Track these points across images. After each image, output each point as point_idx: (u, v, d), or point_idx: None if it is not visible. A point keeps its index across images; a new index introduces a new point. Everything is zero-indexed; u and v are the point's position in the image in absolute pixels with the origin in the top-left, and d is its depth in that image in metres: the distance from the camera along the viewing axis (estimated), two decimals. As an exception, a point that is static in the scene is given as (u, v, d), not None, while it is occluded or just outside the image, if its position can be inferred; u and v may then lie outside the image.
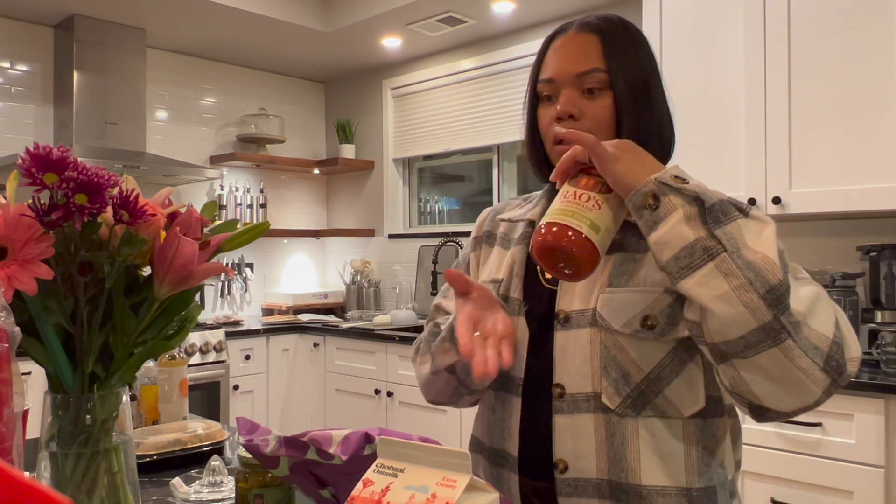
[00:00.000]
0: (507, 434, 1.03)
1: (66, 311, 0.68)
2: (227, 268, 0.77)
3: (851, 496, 2.01)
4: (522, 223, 1.12)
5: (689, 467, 0.93)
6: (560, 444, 0.96)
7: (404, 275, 4.21)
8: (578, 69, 0.98)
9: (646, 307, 0.93)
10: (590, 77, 0.98)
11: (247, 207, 4.17)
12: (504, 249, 1.13)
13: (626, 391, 0.93)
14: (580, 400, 0.95)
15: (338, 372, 3.69)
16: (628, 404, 0.93)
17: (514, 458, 1.01)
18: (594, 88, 0.98)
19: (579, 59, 0.99)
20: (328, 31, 3.71)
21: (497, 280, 1.09)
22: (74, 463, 0.70)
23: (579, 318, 0.97)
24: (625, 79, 0.98)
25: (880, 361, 2.16)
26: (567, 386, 0.96)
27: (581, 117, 0.99)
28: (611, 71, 0.98)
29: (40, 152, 0.65)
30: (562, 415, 0.96)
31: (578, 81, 0.99)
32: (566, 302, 0.99)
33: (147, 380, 1.51)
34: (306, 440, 0.76)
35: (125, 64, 3.59)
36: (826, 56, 2.29)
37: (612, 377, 0.94)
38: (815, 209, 2.32)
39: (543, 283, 1.05)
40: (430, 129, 4.11)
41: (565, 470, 0.95)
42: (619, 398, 0.93)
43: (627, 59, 0.99)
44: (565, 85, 1.00)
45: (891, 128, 2.17)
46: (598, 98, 0.99)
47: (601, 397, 0.94)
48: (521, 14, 3.44)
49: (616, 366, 0.94)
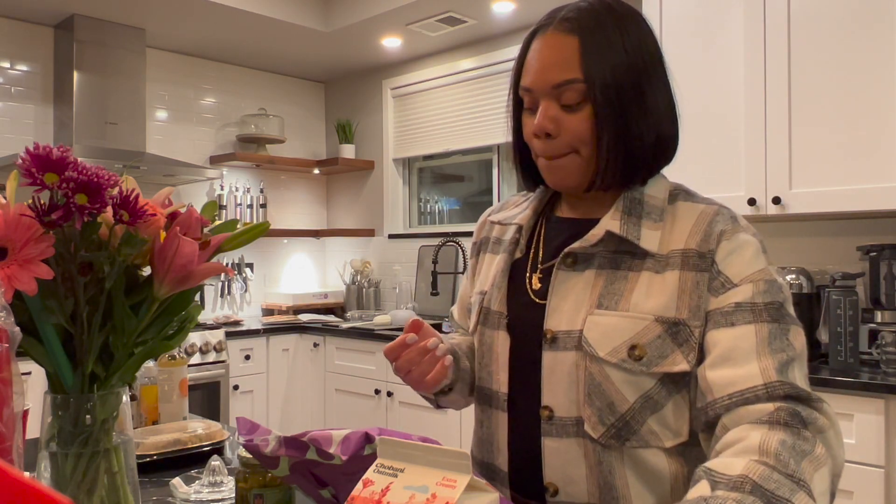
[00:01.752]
0: (496, 449, 1.01)
1: (66, 311, 0.68)
2: (227, 268, 0.77)
3: (851, 496, 2.01)
4: (513, 227, 1.08)
5: (676, 492, 0.91)
6: (550, 468, 0.94)
7: (404, 275, 4.21)
8: (554, 80, 0.92)
9: (634, 335, 0.89)
10: (567, 89, 0.92)
11: (247, 207, 4.17)
12: (494, 255, 1.10)
13: (610, 420, 0.90)
14: (568, 424, 0.93)
15: (338, 372, 3.69)
16: (612, 434, 0.90)
17: (504, 474, 1.00)
18: (572, 104, 0.92)
19: (556, 66, 0.92)
20: (328, 31, 3.71)
21: (483, 292, 1.07)
22: (74, 463, 0.70)
23: (566, 340, 0.93)
24: (605, 86, 0.91)
25: (880, 361, 2.16)
26: (555, 409, 0.94)
27: (558, 134, 0.94)
28: (589, 80, 0.91)
29: (40, 152, 0.65)
30: (550, 438, 0.94)
31: (555, 93, 0.93)
32: (555, 321, 0.95)
33: (147, 380, 1.51)
34: (306, 440, 0.76)
35: (125, 64, 3.59)
36: (826, 56, 2.29)
37: (595, 406, 0.90)
38: (815, 209, 2.32)
39: (529, 293, 1.01)
40: (430, 129, 4.11)
41: (556, 493, 0.93)
42: (602, 428, 0.90)
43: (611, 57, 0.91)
44: (542, 96, 0.94)
45: (891, 128, 2.17)
46: (576, 111, 0.93)
47: (584, 426, 0.91)
48: (521, 14, 3.44)
49: (600, 394, 0.90)
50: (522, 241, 1.05)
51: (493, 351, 1.02)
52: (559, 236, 1.02)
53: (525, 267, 1.03)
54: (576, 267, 0.96)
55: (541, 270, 1.01)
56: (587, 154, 0.94)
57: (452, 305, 1.23)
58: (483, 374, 1.04)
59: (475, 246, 1.17)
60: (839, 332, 2.21)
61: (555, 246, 1.01)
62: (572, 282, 0.95)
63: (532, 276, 1.02)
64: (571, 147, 0.94)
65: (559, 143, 0.94)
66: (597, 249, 0.95)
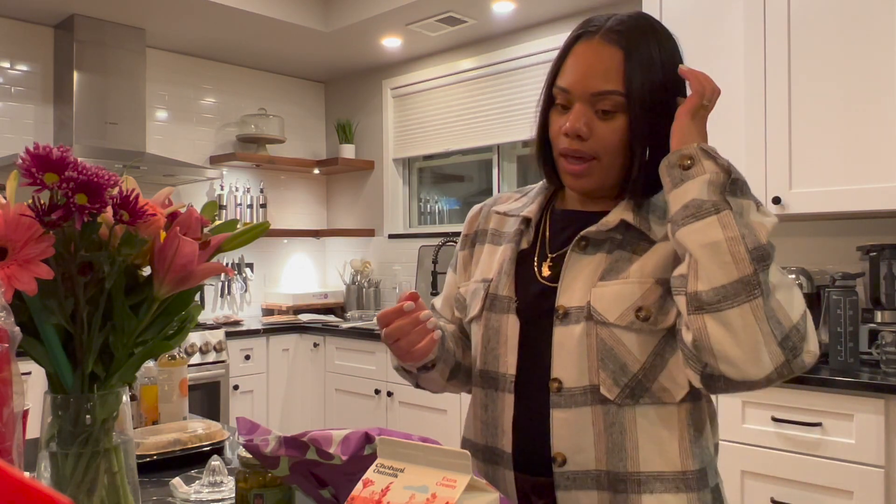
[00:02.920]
0: (500, 431, 1.03)
1: (66, 311, 0.68)
2: (227, 268, 0.77)
3: (851, 496, 2.01)
4: (516, 219, 1.11)
5: (684, 451, 0.96)
6: (558, 438, 0.97)
7: (404, 275, 4.21)
8: (596, 88, 0.96)
9: (638, 298, 0.95)
10: (605, 98, 0.96)
11: (247, 207, 4.17)
12: (495, 246, 1.13)
13: (624, 381, 0.95)
14: (577, 394, 0.97)
15: (338, 372, 3.69)
16: (627, 394, 0.95)
17: (508, 455, 1.02)
18: (609, 111, 0.96)
19: (599, 75, 0.96)
20: (328, 31, 3.71)
21: (487, 280, 1.09)
22: (74, 463, 0.70)
23: (577, 315, 0.98)
24: (643, 100, 0.95)
25: (880, 361, 2.16)
26: (565, 380, 0.97)
27: (590, 137, 0.97)
28: (629, 94, 0.95)
29: (40, 152, 0.65)
30: (560, 409, 0.97)
31: (593, 100, 0.97)
32: (567, 297, 1.00)
33: (147, 380, 1.51)
34: (306, 440, 0.76)
35: (125, 64, 3.59)
36: (826, 56, 2.29)
37: (609, 369, 0.96)
38: (815, 209, 2.32)
39: (539, 279, 1.05)
40: (430, 129, 4.11)
41: (563, 463, 0.96)
42: (617, 388, 0.95)
43: (650, 75, 0.96)
44: (579, 100, 0.97)
45: (891, 128, 2.17)
46: (610, 120, 0.97)
47: (599, 389, 0.96)
48: (521, 14, 3.44)
49: (613, 357, 0.96)
50: (531, 232, 1.09)
51: (500, 334, 1.05)
52: (569, 227, 1.06)
53: (531, 256, 1.08)
54: (587, 250, 1.01)
55: (551, 259, 1.05)
56: (608, 162, 0.99)
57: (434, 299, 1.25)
58: (489, 358, 1.06)
59: (467, 238, 1.19)
60: (839, 332, 2.21)
61: (565, 236, 1.06)
62: (583, 263, 1.01)
63: (542, 263, 1.06)
64: (596, 153, 0.98)
65: (587, 147, 0.98)
66: (609, 235, 1.00)
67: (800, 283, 2.48)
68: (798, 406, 2.11)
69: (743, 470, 2.21)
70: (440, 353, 1.08)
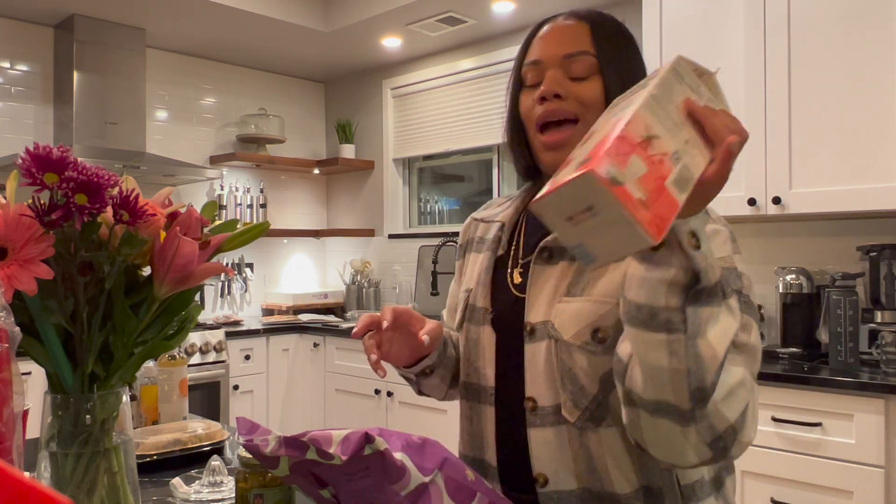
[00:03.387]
0: (485, 444, 1.02)
1: (66, 311, 0.68)
2: (227, 268, 0.77)
3: (851, 496, 2.01)
4: (496, 225, 1.09)
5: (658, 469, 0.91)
6: (538, 460, 0.95)
7: (404, 275, 4.21)
8: (566, 50, 0.94)
9: (597, 318, 0.91)
10: (578, 60, 0.93)
11: (247, 207, 4.17)
12: (477, 254, 1.11)
13: (584, 403, 0.91)
14: (550, 413, 0.94)
15: (338, 372, 3.69)
16: (587, 417, 0.91)
17: (494, 468, 1.01)
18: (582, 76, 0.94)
19: (567, 41, 0.94)
20: (328, 31, 3.71)
21: (468, 290, 1.08)
22: (74, 463, 0.70)
23: (542, 331, 0.95)
24: (616, 68, 0.93)
25: (880, 361, 2.16)
26: (538, 399, 0.95)
27: (568, 97, 0.94)
28: (601, 57, 0.93)
29: (40, 152, 0.65)
30: (536, 428, 0.95)
31: (565, 63, 0.94)
32: (534, 313, 0.96)
33: (147, 380, 1.51)
34: (306, 440, 0.76)
35: (125, 64, 3.59)
36: (826, 56, 2.29)
37: (569, 390, 0.92)
38: (815, 209, 2.32)
39: (511, 288, 1.02)
40: (430, 129, 4.11)
41: (546, 483, 0.94)
42: (577, 411, 0.91)
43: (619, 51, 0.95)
44: (551, 65, 0.95)
45: (891, 128, 2.17)
46: (586, 82, 0.94)
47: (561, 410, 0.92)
48: (521, 14, 3.44)
49: (571, 378, 0.92)
50: (504, 237, 1.07)
51: (479, 346, 1.03)
52: (538, 232, 1.03)
53: (507, 263, 1.05)
54: (551, 260, 0.98)
55: (521, 265, 1.03)
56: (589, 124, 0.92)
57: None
58: (470, 370, 1.05)
59: (461, 248, 1.18)
60: (839, 332, 2.21)
61: (534, 241, 1.02)
62: (547, 275, 0.97)
63: (513, 271, 1.03)
64: (576, 114, 0.94)
65: (565, 106, 0.94)
66: None
67: (800, 282, 2.48)
68: (798, 406, 2.11)
69: (743, 470, 2.21)
70: (440, 359, 1.07)
